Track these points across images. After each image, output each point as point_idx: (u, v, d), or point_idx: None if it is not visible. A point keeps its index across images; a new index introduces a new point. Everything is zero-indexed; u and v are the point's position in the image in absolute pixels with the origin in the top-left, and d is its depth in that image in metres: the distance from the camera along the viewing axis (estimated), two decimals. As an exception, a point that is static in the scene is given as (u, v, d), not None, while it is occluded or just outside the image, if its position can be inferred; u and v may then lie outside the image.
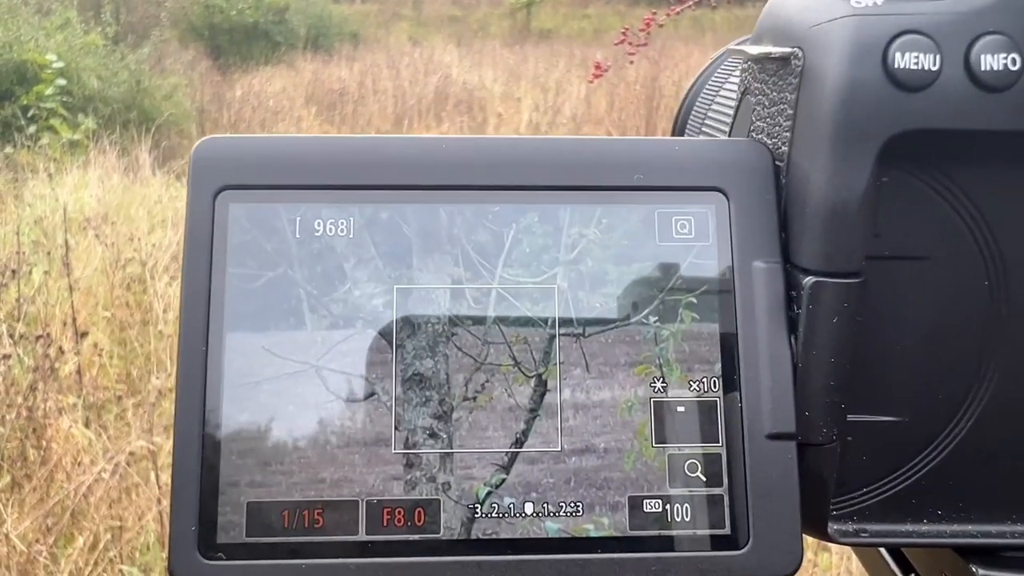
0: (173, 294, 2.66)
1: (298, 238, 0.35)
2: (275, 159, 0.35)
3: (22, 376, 2.04)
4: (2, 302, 2.36)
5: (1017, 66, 0.32)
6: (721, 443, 0.34)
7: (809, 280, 0.33)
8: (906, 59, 0.32)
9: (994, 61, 0.31)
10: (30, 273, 2.61)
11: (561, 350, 0.34)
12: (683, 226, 0.35)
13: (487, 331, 0.34)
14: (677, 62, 6.13)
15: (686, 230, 0.35)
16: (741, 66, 0.41)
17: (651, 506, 0.34)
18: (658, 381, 0.34)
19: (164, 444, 1.84)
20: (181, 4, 8.47)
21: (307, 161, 0.35)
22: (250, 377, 0.34)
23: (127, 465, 1.78)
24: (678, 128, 0.57)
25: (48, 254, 2.76)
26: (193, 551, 0.32)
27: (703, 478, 0.34)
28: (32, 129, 4.50)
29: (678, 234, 0.35)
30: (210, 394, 0.33)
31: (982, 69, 0.31)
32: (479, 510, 0.33)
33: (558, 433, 0.34)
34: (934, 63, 0.32)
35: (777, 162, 0.36)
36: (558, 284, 0.35)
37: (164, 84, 5.79)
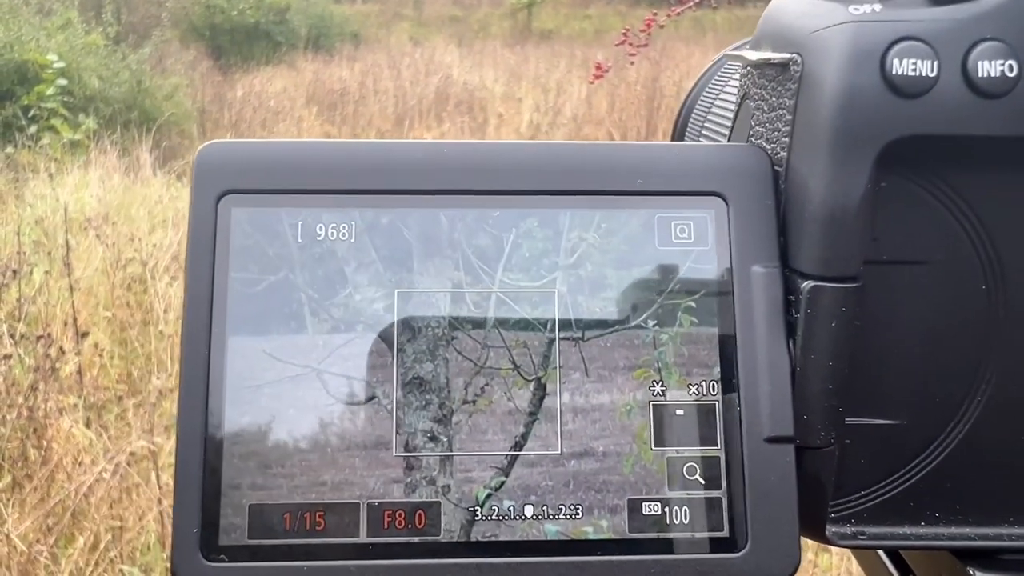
0: (174, 294, 2.66)
1: (300, 242, 0.35)
2: (277, 164, 0.35)
3: (23, 376, 2.05)
4: (3, 302, 2.36)
5: (1014, 72, 0.32)
6: (720, 446, 0.34)
7: (807, 284, 0.33)
8: (904, 65, 0.32)
9: (991, 68, 0.32)
10: (31, 273, 2.62)
11: (560, 354, 0.34)
12: (682, 231, 0.36)
13: (487, 335, 0.35)
14: (678, 63, 6.13)
15: (685, 235, 0.36)
16: (740, 71, 0.41)
17: (650, 509, 0.34)
18: (657, 385, 0.35)
19: (165, 444, 1.84)
20: (182, 4, 8.48)
21: (309, 166, 0.35)
22: (252, 380, 0.34)
23: (128, 465, 1.78)
24: (678, 131, 0.57)
25: (49, 254, 2.76)
26: (195, 553, 0.33)
27: (702, 481, 0.34)
28: (33, 129, 4.51)
29: (677, 238, 0.36)
30: (212, 397, 0.33)
31: (980, 75, 0.32)
32: (479, 513, 0.33)
33: (557, 436, 0.34)
34: (932, 69, 0.32)
35: (776, 167, 0.36)
36: (557, 288, 0.35)
37: (165, 84, 5.80)
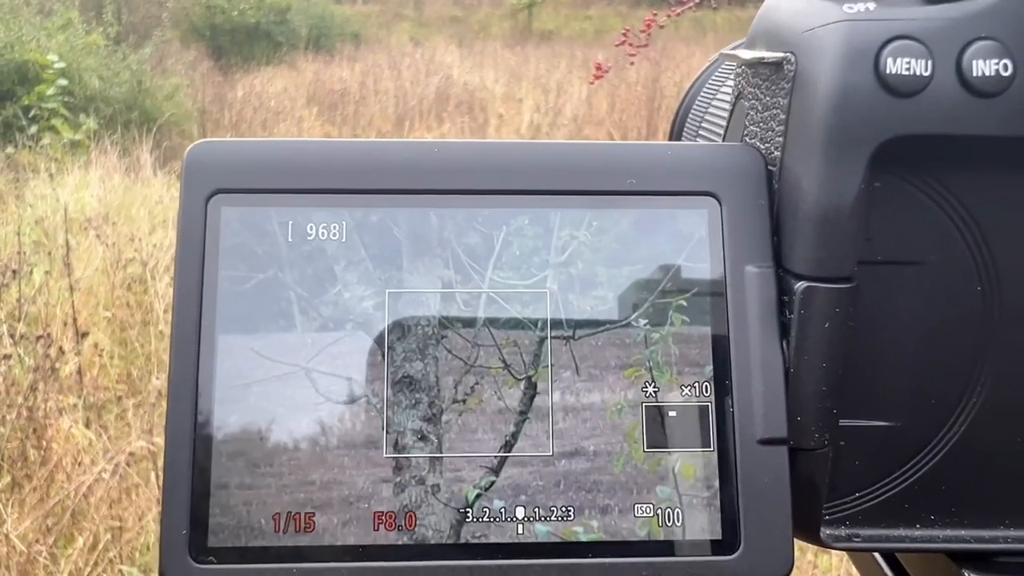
0: (172, 295, 2.66)
1: (290, 242, 0.35)
2: (267, 163, 0.35)
3: (23, 376, 2.05)
4: (3, 302, 2.36)
5: (1009, 72, 0.32)
6: (712, 448, 0.34)
7: (801, 285, 0.33)
8: (898, 64, 0.32)
9: (986, 67, 0.31)
10: (31, 273, 2.62)
11: (551, 353, 0.34)
12: (675, 230, 0.35)
13: (477, 334, 0.34)
14: (678, 63, 6.13)
15: (678, 234, 0.35)
16: (735, 70, 0.41)
17: (642, 511, 0.34)
18: (649, 385, 0.34)
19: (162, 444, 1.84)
20: (183, 4, 8.48)
21: (299, 165, 0.35)
22: (241, 379, 0.34)
23: (127, 465, 1.78)
24: (675, 131, 0.57)
25: (49, 254, 2.76)
26: (184, 555, 0.32)
27: (694, 483, 0.34)
28: (33, 129, 4.51)
29: (670, 238, 0.35)
30: (202, 397, 0.33)
31: (974, 75, 0.31)
32: (469, 514, 0.33)
33: (548, 436, 0.34)
34: (926, 68, 0.32)
35: (770, 167, 0.36)
36: (548, 287, 0.35)
37: (165, 84, 5.80)
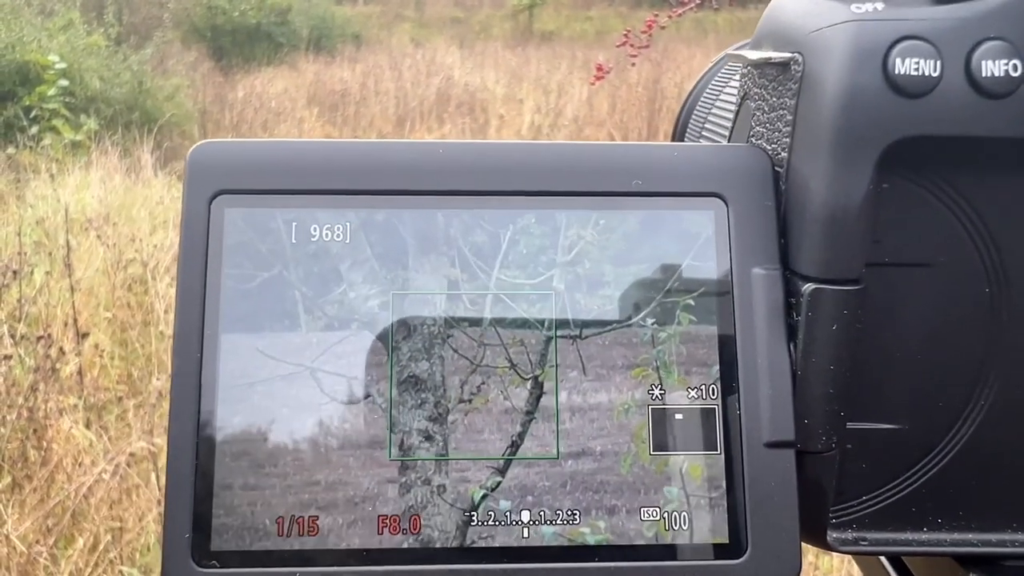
0: (174, 295, 2.66)
1: (294, 243, 0.34)
2: (271, 164, 0.35)
3: (23, 377, 2.04)
4: (3, 303, 2.36)
5: (1018, 72, 0.31)
6: (719, 451, 0.34)
7: (808, 287, 0.33)
8: (907, 65, 0.31)
9: (995, 67, 0.31)
10: (32, 274, 2.62)
11: (558, 352, 0.34)
12: (681, 232, 0.35)
13: (483, 333, 0.34)
14: (679, 64, 6.13)
15: (684, 236, 0.35)
16: (741, 71, 0.40)
17: (648, 514, 0.33)
18: (655, 388, 0.34)
19: (164, 445, 1.84)
20: (184, 5, 8.48)
21: (303, 166, 0.35)
22: (245, 379, 0.33)
23: (128, 466, 1.78)
24: (679, 132, 0.57)
25: (50, 255, 2.76)
26: (187, 559, 0.32)
27: (701, 486, 0.34)
28: (34, 130, 4.51)
29: (676, 239, 0.35)
30: (205, 397, 0.33)
31: (983, 75, 0.31)
32: (475, 515, 0.33)
33: (554, 436, 0.34)
34: (935, 69, 0.31)
35: (776, 168, 0.35)
36: (555, 286, 0.35)
37: (166, 85, 5.80)
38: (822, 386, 0.33)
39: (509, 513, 0.33)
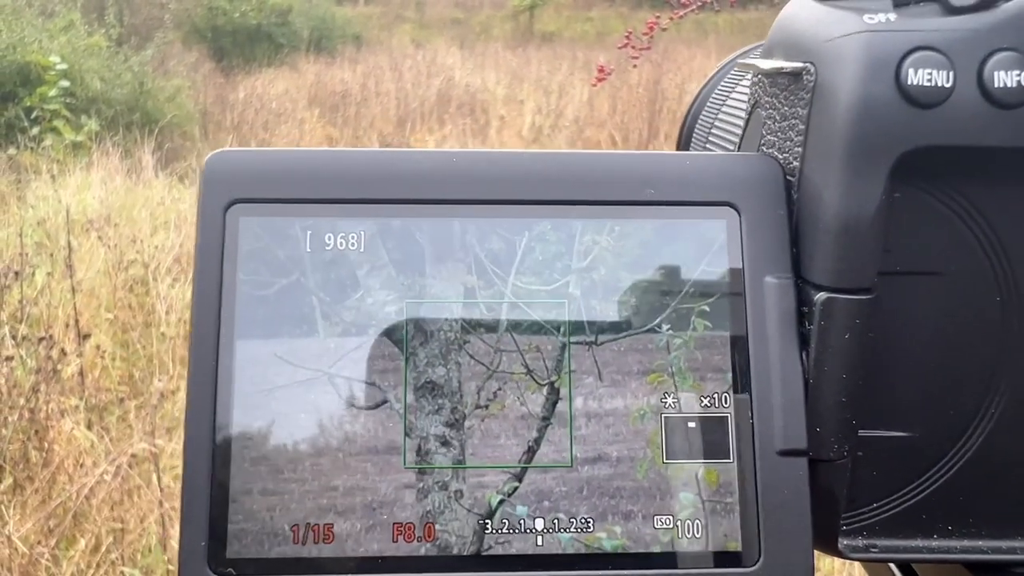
0: (175, 296, 2.66)
1: (309, 252, 0.35)
2: (286, 173, 0.35)
3: (24, 378, 2.04)
4: (5, 304, 2.36)
5: None
6: (732, 459, 0.34)
7: (821, 296, 0.33)
8: (919, 75, 0.31)
9: (1008, 78, 0.31)
10: (33, 275, 2.61)
11: (573, 358, 0.34)
12: (694, 240, 0.35)
13: (499, 339, 0.34)
14: (680, 65, 6.13)
15: (697, 244, 0.35)
16: (751, 79, 0.40)
17: (662, 523, 0.33)
18: (669, 396, 0.34)
19: (166, 446, 1.84)
20: (184, 6, 8.48)
21: (318, 175, 0.35)
22: (263, 384, 0.33)
23: (129, 467, 1.78)
24: (683, 139, 0.57)
25: (51, 256, 2.76)
26: (203, 566, 0.32)
27: (715, 493, 0.34)
28: (35, 131, 4.50)
29: (689, 247, 0.35)
30: (220, 405, 0.33)
31: (996, 86, 0.31)
32: (492, 521, 0.33)
33: (571, 442, 0.34)
34: (947, 80, 0.31)
35: (788, 177, 0.35)
36: (570, 292, 0.35)
37: (167, 86, 5.79)
38: (834, 395, 0.34)
39: (526, 519, 0.33)
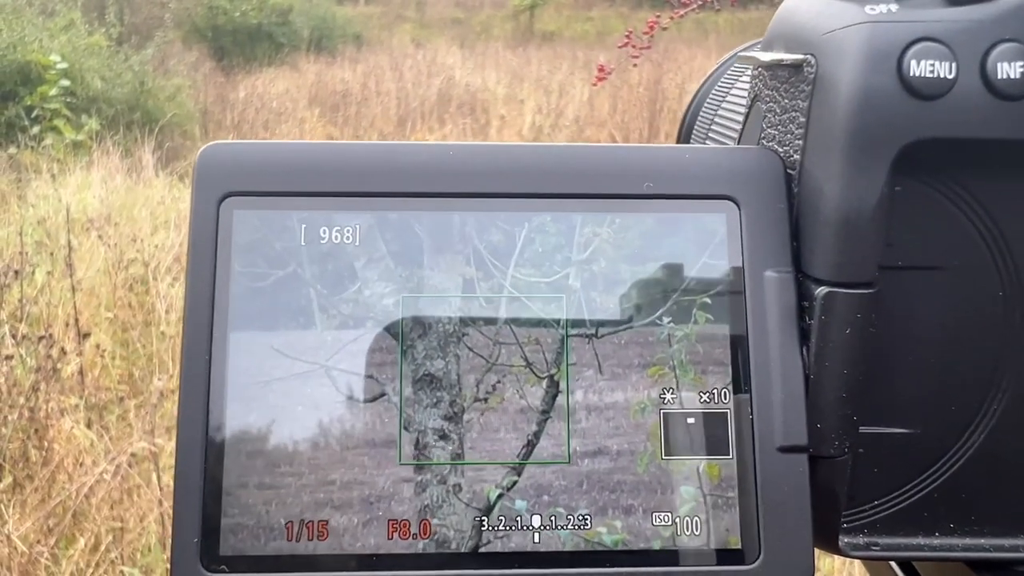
0: (176, 295, 2.66)
1: (304, 245, 0.34)
2: (280, 165, 0.35)
3: (24, 377, 2.04)
4: (5, 302, 2.36)
5: None
6: (732, 456, 0.34)
7: (821, 290, 0.33)
8: (921, 67, 0.31)
9: (1010, 69, 0.31)
10: (33, 274, 2.61)
11: (573, 351, 0.34)
12: (694, 233, 0.35)
13: (498, 331, 0.34)
14: (680, 64, 6.12)
15: (697, 238, 0.35)
16: (751, 72, 0.40)
17: (662, 518, 0.33)
18: (668, 392, 0.34)
19: (166, 445, 1.84)
20: (185, 6, 8.48)
21: (312, 168, 0.35)
22: (260, 377, 0.33)
23: (129, 466, 1.78)
24: (684, 133, 0.57)
25: (51, 255, 2.76)
26: (196, 563, 0.32)
27: (714, 491, 0.33)
28: (36, 130, 4.51)
29: (689, 240, 0.35)
30: (214, 399, 0.33)
31: (998, 77, 0.31)
32: (489, 519, 0.33)
33: (571, 435, 0.34)
34: (950, 71, 0.31)
35: (789, 170, 0.35)
36: (570, 284, 0.34)
37: (168, 85, 5.79)
38: (835, 390, 0.33)
39: (524, 514, 0.33)
